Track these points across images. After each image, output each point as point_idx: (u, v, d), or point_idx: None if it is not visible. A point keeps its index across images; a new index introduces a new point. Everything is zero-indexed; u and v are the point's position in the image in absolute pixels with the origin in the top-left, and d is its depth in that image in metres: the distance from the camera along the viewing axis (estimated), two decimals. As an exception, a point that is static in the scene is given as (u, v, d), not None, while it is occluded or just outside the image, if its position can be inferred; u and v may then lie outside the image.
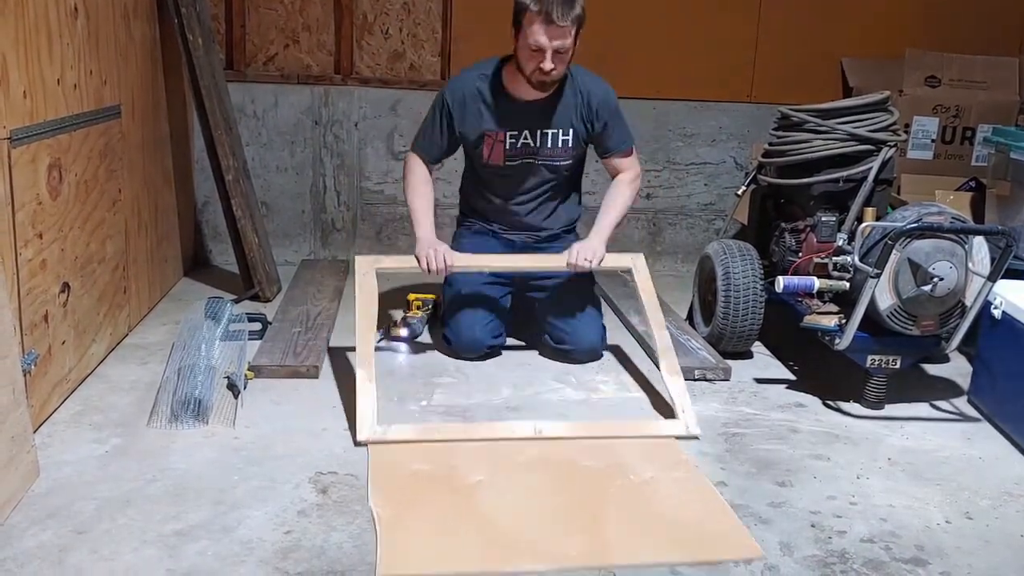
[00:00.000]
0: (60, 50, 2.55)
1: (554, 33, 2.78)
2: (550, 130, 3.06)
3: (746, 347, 3.24)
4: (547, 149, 3.08)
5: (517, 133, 3.05)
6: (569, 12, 2.77)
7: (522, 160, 3.10)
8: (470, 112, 3.04)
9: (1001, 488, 2.42)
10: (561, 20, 2.75)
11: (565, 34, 2.79)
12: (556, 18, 2.75)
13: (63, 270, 2.57)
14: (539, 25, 2.77)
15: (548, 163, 3.11)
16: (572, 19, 2.78)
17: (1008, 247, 2.62)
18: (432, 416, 2.68)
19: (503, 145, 3.06)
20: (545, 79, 2.89)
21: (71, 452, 2.35)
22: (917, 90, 4.15)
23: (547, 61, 2.82)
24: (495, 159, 3.09)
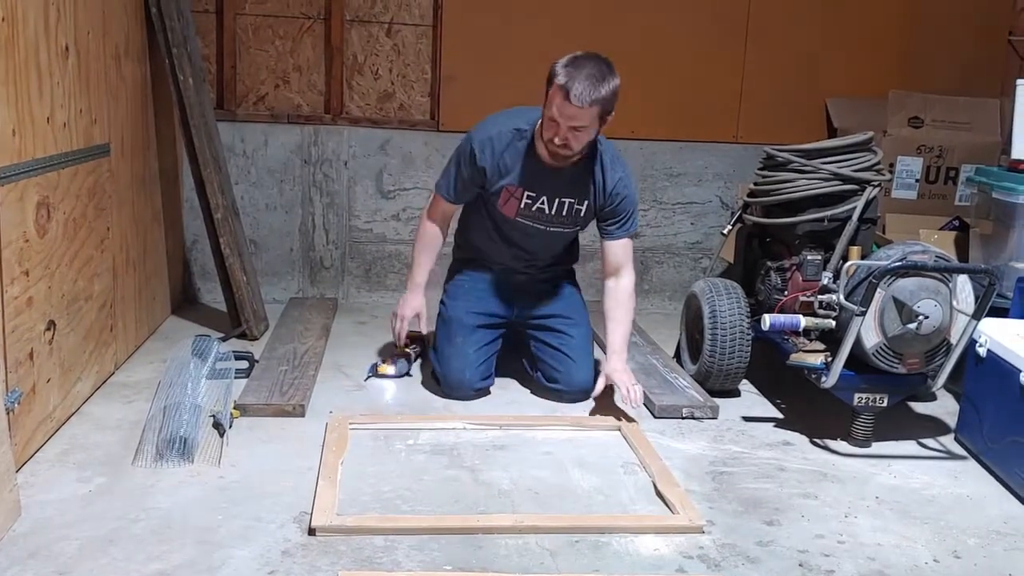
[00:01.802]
0: (50, 88, 2.56)
1: (570, 112, 2.71)
2: (567, 199, 3.00)
3: (733, 385, 3.24)
4: (561, 218, 3.04)
5: (535, 196, 3.00)
6: (591, 94, 2.69)
7: (531, 221, 3.06)
8: (500, 162, 2.97)
9: (989, 527, 2.41)
10: (578, 101, 2.68)
11: (583, 115, 2.73)
12: (574, 98, 2.68)
13: (49, 308, 2.57)
14: (559, 98, 2.71)
15: (555, 227, 3.09)
16: (591, 101, 2.70)
17: (992, 285, 2.64)
18: (417, 455, 2.67)
19: (518, 203, 3.01)
20: (558, 151, 2.84)
21: (54, 491, 2.33)
22: (901, 130, 4.20)
23: (559, 135, 2.78)
24: (507, 211, 3.06)
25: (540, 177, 2.97)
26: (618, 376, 2.94)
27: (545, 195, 3.00)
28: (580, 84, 2.67)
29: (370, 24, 4.21)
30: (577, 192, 3.00)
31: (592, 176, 2.99)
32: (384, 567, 2.07)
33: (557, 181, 2.97)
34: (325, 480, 2.44)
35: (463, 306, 3.19)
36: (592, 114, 2.74)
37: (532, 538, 2.22)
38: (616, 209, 3.02)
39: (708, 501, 2.46)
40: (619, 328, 3.01)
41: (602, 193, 3.00)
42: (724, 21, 4.32)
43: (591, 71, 2.70)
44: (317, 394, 3.07)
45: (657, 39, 4.29)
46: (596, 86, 2.70)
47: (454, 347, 3.12)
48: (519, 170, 2.96)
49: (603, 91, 2.72)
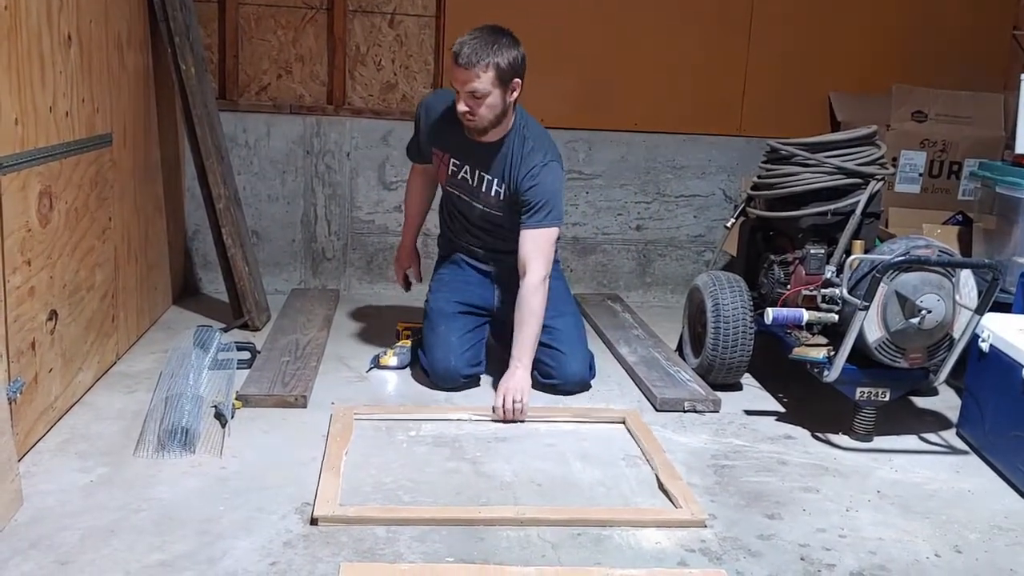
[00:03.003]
0: (53, 78, 2.55)
1: (461, 75, 2.79)
2: (487, 175, 3.06)
3: (735, 379, 3.24)
4: (482, 194, 3.09)
5: (459, 164, 3.10)
6: (479, 58, 2.76)
7: (459, 192, 3.15)
8: (433, 125, 3.11)
9: (990, 521, 2.41)
10: (467, 64, 2.77)
11: (472, 78, 2.78)
12: (462, 60, 2.77)
13: (51, 298, 2.57)
14: (453, 65, 2.82)
15: (484, 208, 3.12)
16: (484, 64, 2.77)
17: (995, 280, 2.64)
18: (419, 447, 2.67)
19: (447, 169, 3.13)
20: (466, 122, 2.90)
21: (56, 481, 2.33)
22: (904, 125, 4.20)
23: (460, 103, 2.84)
24: (441, 178, 3.20)
25: (466, 148, 3.05)
26: (503, 386, 2.88)
27: (467, 165, 3.08)
28: (468, 47, 2.77)
29: (373, 14, 4.19)
30: (495, 171, 3.05)
31: (509, 159, 3.02)
32: (386, 558, 2.07)
33: (480, 155, 3.05)
34: (329, 471, 2.43)
35: (444, 296, 3.21)
36: (487, 78, 2.79)
37: (533, 530, 2.22)
38: (526, 196, 2.99)
39: (710, 494, 2.46)
40: (520, 333, 2.95)
41: (514, 177, 3.02)
42: (728, 14, 4.31)
43: (481, 36, 2.81)
44: (319, 385, 3.07)
45: (661, 32, 4.28)
46: (485, 48, 2.77)
47: (437, 336, 3.13)
48: (448, 136, 3.07)
49: (497, 55, 2.78)
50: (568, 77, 4.24)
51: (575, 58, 4.23)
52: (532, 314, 2.96)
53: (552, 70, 4.19)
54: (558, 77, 4.21)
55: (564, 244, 4.34)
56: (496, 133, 2.98)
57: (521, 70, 2.90)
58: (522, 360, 2.94)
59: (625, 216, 4.47)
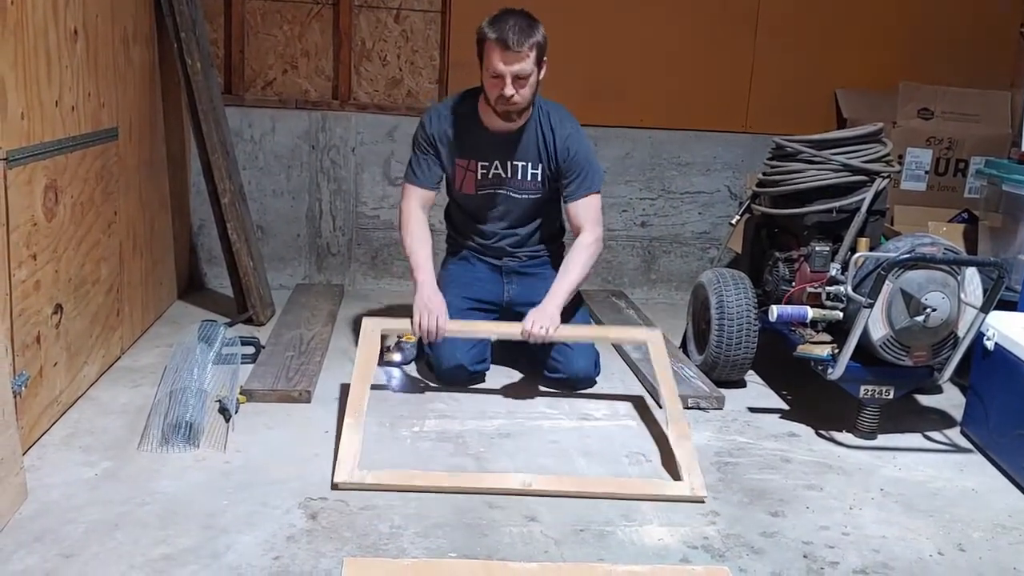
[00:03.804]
0: (59, 72, 2.56)
1: (511, 59, 2.85)
2: (519, 162, 3.09)
3: (739, 376, 3.24)
4: (517, 180, 3.12)
5: (488, 164, 3.10)
6: (526, 39, 2.85)
7: (493, 189, 3.14)
8: (447, 140, 3.09)
9: (994, 520, 2.41)
10: (517, 46, 2.83)
11: (522, 59, 2.86)
12: (512, 44, 2.83)
13: (56, 291, 2.57)
14: (497, 52, 2.85)
15: (518, 194, 3.14)
16: (529, 45, 2.86)
17: (1000, 278, 2.63)
18: (423, 442, 2.67)
19: (475, 175, 3.11)
20: (509, 108, 2.94)
21: (60, 475, 2.34)
22: (911, 122, 4.19)
23: (507, 87, 2.88)
24: (467, 188, 3.15)
25: (490, 145, 3.06)
26: (532, 314, 2.92)
27: (498, 160, 3.08)
28: (514, 32, 2.83)
29: (378, 9, 4.19)
30: (529, 155, 3.08)
31: (541, 136, 3.06)
32: (389, 553, 2.07)
33: (507, 147, 3.06)
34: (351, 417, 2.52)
35: (453, 292, 3.19)
36: (532, 59, 2.88)
37: (536, 527, 2.22)
38: (570, 164, 3.06)
39: (713, 491, 2.46)
40: (566, 277, 3.01)
41: (554, 150, 3.06)
42: (734, 10, 4.30)
43: (517, 20, 2.88)
44: (323, 380, 3.08)
45: (667, 28, 4.27)
46: (529, 30, 2.87)
47: None
48: (467, 142, 3.06)
49: (536, 34, 2.88)
50: (574, 73, 4.23)
51: (581, 54, 4.22)
52: (577, 265, 3.04)
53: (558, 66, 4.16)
54: (564, 73, 4.18)
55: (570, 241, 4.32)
56: (525, 115, 3.02)
57: (547, 48, 2.98)
58: (555, 300, 2.98)
59: (630, 212, 4.46)
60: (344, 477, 2.33)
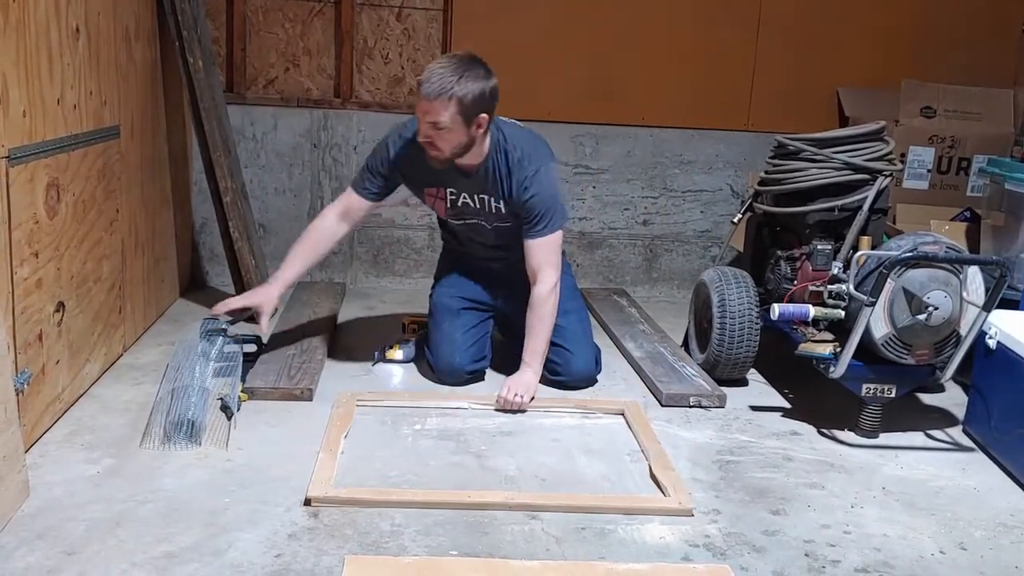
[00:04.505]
0: (60, 70, 2.56)
1: (423, 107, 2.69)
2: (483, 195, 2.97)
3: (741, 374, 3.24)
4: (486, 211, 3.01)
5: (456, 192, 2.99)
6: (440, 85, 2.65)
7: (464, 219, 3.08)
8: (413, 166, 2.95)
9: (996, 519, 2.41)
10: (426, 92, 2.66)
11: (433, 110, 2.67)
12: (423, 89, 2.67)
13: (58, 289, 2.57)
14: (418, 94, 2.71)
15: (490, 224, 3.06)
16: (440, 93, 2.65)
17: (1003, 277, 2.63)
18: (424, 440, 2.67)
19: (444, 202, 3.04)
20: (428, 152, 2.79)
21: (62, 472, 2.34)
22: (913, 120, 4.18)
23: (422, 134, 2.75)
24: (439, 212, 3.11)
25: (453, 176, 2.94)
26: (509, 381, 2.91)
27: (464, 192, 2.98)
28: (434, 77, 2.65)
29: (380, 8, 4.19)
30: (490, 190, 2.95)
31: (497, 176, 2.91)
32: (390, 552, 2.07)
33: (470, 181, 2.94)
34: (326, 453, 2.47)
35: (448, 291, 3.20)
36: (449, 111, 2.67)
37: (538, 524, 2.22)
38: (526, 207, 2.90)
39: (714, 490, 2.46)
40: (531, 339, 2.96)
41: (509, 192, 2.92)
42: (736, 8, 4.30)
43: (450, 65, 2.68)
44: (325, 378, 3.08)
45: (668, 26, 4.27)
46: (449, 79, 2.64)
47: (441, 332, 3.12)
48: (432, 172, 2.91)
49: (456, 84, 2.65)
50: (575, 71, 4.23)
51: (582, 52, 4.22)
52: (542, 320, 2.96)
53: (559, 64, 4.19)
54: (565, 71, 4.21)
55: (570, 239, 4.33)
56: (473, 158, 2.86)
57: (488, 104, 2.76)
58: (532, 365, 2.97)
59: (632, 211, 4.46)
60: (318, 492, 2.25)
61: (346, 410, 2.77)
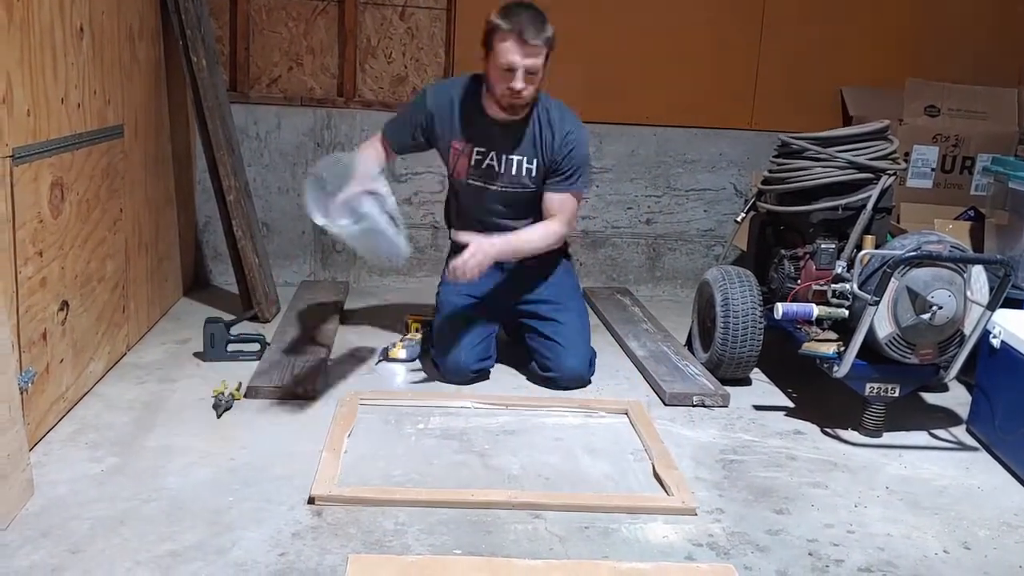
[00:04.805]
0: (64, 69, 2.56)
1: (526, 52, 2.82)
2: (515, 156, 3.04)
3: (745, 374, 3.24)
4: (510, 174, 3.06)
5: (484, 152, 3.06)
6: (540, 32, 2.82)
7: (483, 182, 3.10)
8: (446, 119, 3.05)
9: (1000, 518, 2.41)
10: (533, 39, 2.80)
11: (536, 53, 2.83)
12: (528, 37, 2.79)
13: (63, 288, 2.58)
14: (512, 43, 2.81)
15: (509, 189, 3.09)
16: (544, 40, 2.83)
17: (1007, 276, 2.62)
18: (428, 439, 2.68)
19: (468, 160, 3.08)
20: (516, 101, 2.91)
21: (67, 471, 2.34)
22: (917, 119, 4.18)
23: (517, 81, 2.85)
24: (459, 173, 3.12)
25: (489, 134, 3.03)
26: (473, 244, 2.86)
27: (494, 151, 3.05)
28: (530, 26, 2.81)
29: (384, 7, 4.20)
30: (526, 150, 3.04)
31: (539, 131, 3.02)
32: (394, 550, 2.08)
33: (506, 139, 3.03)
34: (329, 452, 2.47)
35: (455, 290, 3.19)
36: (543, 54, 2.86)
37: (541, 524, 2.22)
38: (564, 162, 3.01)
39: (718, 489, 2.46)
40: (517, 236, 3.00)
41: (551, 147, 3.02)
42: (740, 8, 4.30)
43: (532, 14, 2.85)
44: (328, 377, 3.08)
45: (673, 25, 4.27)
46: (543, 26, 2.85)
47: (447, 330, 3.12)
48: (468, 126, 3.03)
49: (548, 30, 2.86)
50: (579, 70, 4.22)
51: (586, 51, 4.22)
52: (533, 235, 3.02)
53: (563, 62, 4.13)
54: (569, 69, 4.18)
55: (574, 237, 4.33)
56: (526, 109, 2.99)
57: None
58: (496, 242, 2.93)
59: (635, 210, 4.46)
60: (322, 491, 2.26)
61: (349, 409, 2.78)
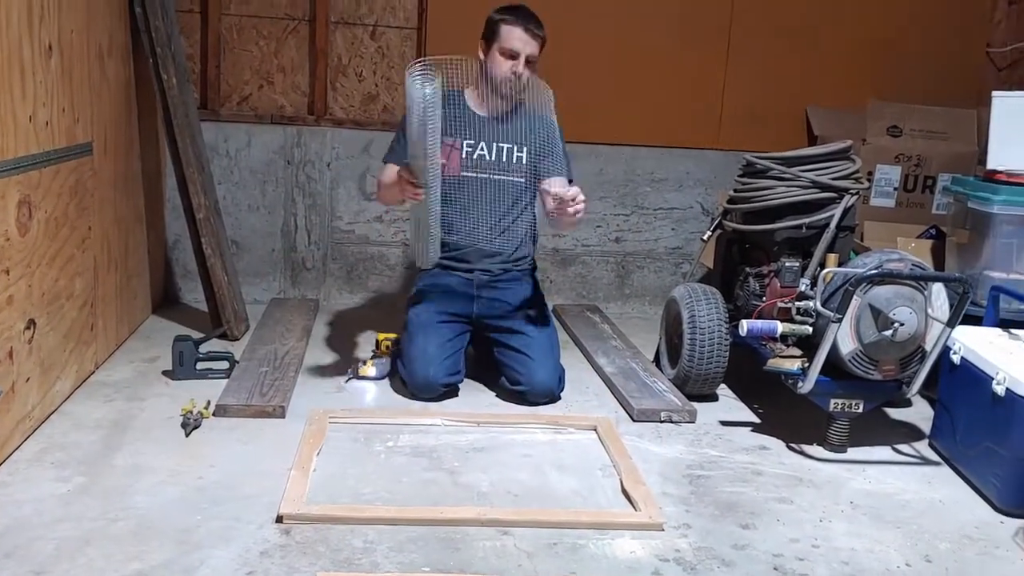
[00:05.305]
0: (33, 87, 2.56)
1: (530, 39, 3.13)
2: (505, 144, 3.23)
3: (711, 390, 3.27)
4: (502, 162, 3.22)
5: (474, 143, 3.22)
6: (540, 26, 3.17)
7: (477, 173, 3.20)
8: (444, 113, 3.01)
9: (960, 531, 2.45)
10: (536, 29, 3.15)
11: (537, 42, 3.15)
12: (532, 28, 3.13)
13: (29, 306, 2.56)
14: (517, 32, 3.12)
15: (503, 178, 3.23)
16: (543, 32, 3.17)
17: (966, 294, 2.68)
18: (397, 457, 2.68)
19: (459, 153, 3.20)
20: (515, 84, 3.13)
21: (32, 491, 2.32)
22: (880, 139, 4.25)
23: (520, 64, 3.12)
24: (452, 169, 3.16)
25: (476, 126, 3.21)
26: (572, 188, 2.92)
27: (483, 142, 3.23)
28: (532, 20, 3.16)
29: (355, 26, 4.22)
30: (515, 138, 3.24)
31: (526, 119, 3.23)
32: (363, 568, 2.08)
33: (493, 129, 3.22)
34: (298, 470, 2.47)
35: (424, 306, 3.22)
36: (541, 44, 3.18)
37: (510, 540, 2.23)
38: (548, 144, 3.22)
39: (685, 504, 2.49)
40: None
41: (539, 131, 3.21)
42: (706, 29, 4.36)
43: (530, 13, 3.19)
44: (297, 395, 3.08)
45: (640, 45, 4.32)
46: (540, 22, 3.19)
47: (416, 345, 3.13)
48: (453, 122, 3.13)
49: (543, 28, 3.19)
50: (548, 90, 4.26)
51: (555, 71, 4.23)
52: None
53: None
54: (538, 90, 4.24)
55: (544, 256, 4.36)
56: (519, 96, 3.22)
57: None
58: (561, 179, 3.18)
59: (604, 228, 4.50)
60: (290, 509, 2.26)
61: (319, 427, 2.78)
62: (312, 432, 2.73)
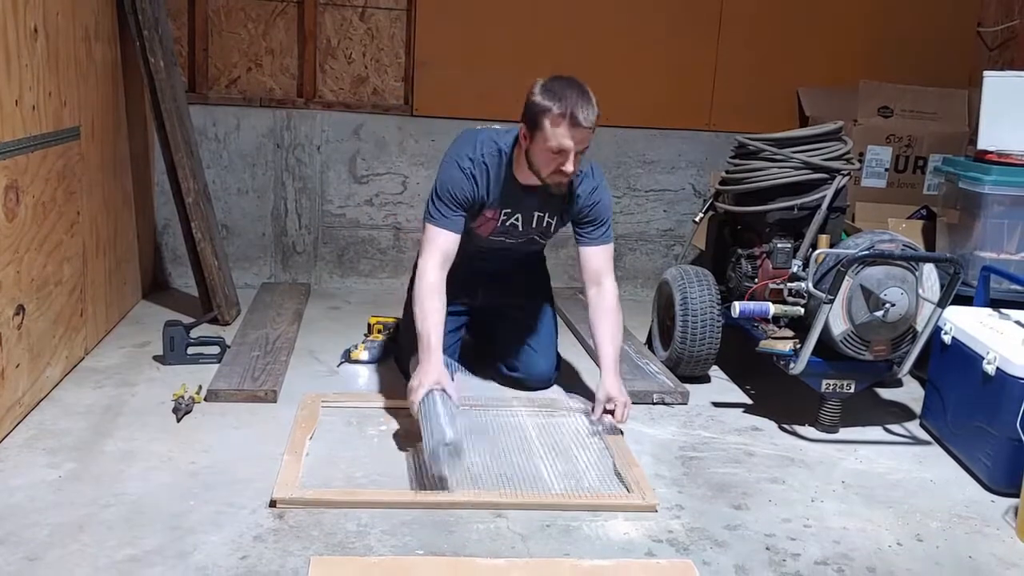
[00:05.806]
0: (19, 71, 2.53)
1: (579, 136, 2.64)
2: (539, 213, 2.93)
3: (703, 371, 3.28)
4: (531, 227, 2.98)
5: (510, 213, 2.92)
6: (593, 113, 2.65)
7: (503, 237, 3.01)
8: (482, 190, 2.85)
9: (951, 510, 2.46)
10: (586, 121, 2.62)
11: (588, 135, 2.66)
12: (582, 120, 2.61)
13: (18, 292, 2.55)
14: (564, 128, 2.61)
15: (526, 239, 3.04)
16: (595, 118, 2.66)
17: (956, 274, 2.68)
18: (390, 441, 2.68)
19: (495, 223, 2.95)
20: (564, 180, 2.74)
21: (23, 477, 2.32)
22: (871, 120, 4.25)
23: (569, 163, 2.66)
24: (483, 232, 2.98)
25: (518, 198, 2.87)
26: (615, 401, 2.76)
27: (520, 213, 2.93)
28: (582, 107, 2.63)
29: (343, 8, 4.19)
30: (551, 207, 2.92)
31: (565, 195, 2.87)
32: (356, 552, 2.08)
33: (533, 200, 2.90)
34: (291, 454, 2.47)
35: None
36: (591, 132, 2.68)
37: (503, 522, 2.24)
38: (591, 214, 2.90)
39: (677, 486, 2.50)
40: (609, 345, 2.83)
41: (575, 206, 2.90)
42: (698, 9, 4.34)
43: (580, 92, 2.67)
44: (289, 380, 3.07)
45: (632, 26, 4.30)
46: (591, 104, 2.66)
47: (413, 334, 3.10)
48: (499, 192, 2.86)
49: (596, 107, 2.68)
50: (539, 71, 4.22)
51: (545, 52, 4.23)
52: (616, 327, 2.87)
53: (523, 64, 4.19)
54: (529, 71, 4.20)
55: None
56: None
57: None
58: (615, 375, 2.81)
59: (596, 210, 4.48)
60: (283, 494, 2.25)
61: (311, 411, 2.77)
62: (304, 416, 2.73)
